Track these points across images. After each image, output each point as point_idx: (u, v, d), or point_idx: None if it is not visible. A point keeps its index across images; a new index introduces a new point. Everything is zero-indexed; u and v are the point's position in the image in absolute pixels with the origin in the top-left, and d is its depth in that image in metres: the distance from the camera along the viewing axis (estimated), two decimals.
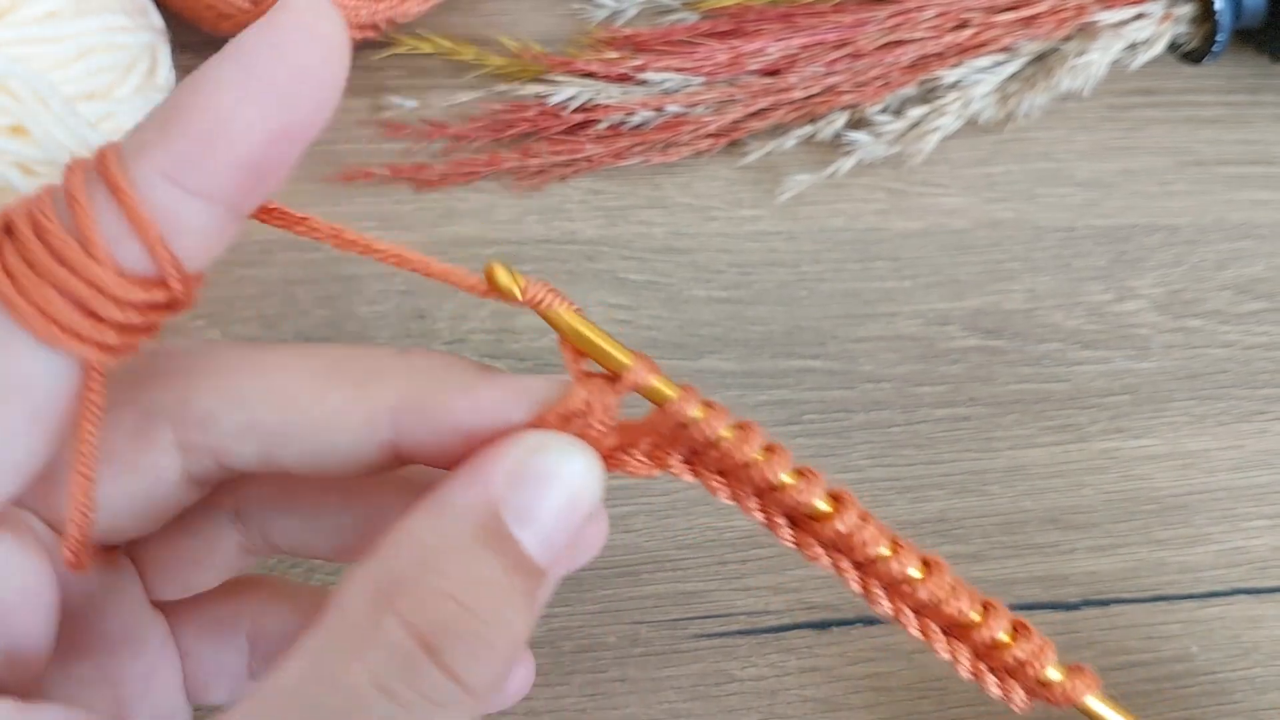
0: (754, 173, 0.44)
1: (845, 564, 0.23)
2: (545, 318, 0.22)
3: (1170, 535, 0.37)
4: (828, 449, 0.38)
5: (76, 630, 0.24)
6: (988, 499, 0.38)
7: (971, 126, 0.45)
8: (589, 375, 0.22)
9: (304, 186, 0.42)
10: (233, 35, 0.19)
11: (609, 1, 0.46)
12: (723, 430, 0.21)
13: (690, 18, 0.46)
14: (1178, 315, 0.42)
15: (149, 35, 0.37)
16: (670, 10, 0.47)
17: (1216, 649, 0.35)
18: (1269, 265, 0.43)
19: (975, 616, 0.23)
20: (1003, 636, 0.23)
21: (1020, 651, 0.23)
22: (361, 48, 0.44)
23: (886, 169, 0.44)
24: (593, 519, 0.21)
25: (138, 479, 0.22)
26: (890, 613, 0.23)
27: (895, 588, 0.23)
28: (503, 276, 0.21)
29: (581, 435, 0.21)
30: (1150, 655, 0.35)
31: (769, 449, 0.22)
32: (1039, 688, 0.24)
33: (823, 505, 0.22)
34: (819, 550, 0.23)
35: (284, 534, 0.26)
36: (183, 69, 0.40)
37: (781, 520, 0.23)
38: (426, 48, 0.44)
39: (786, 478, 0.22)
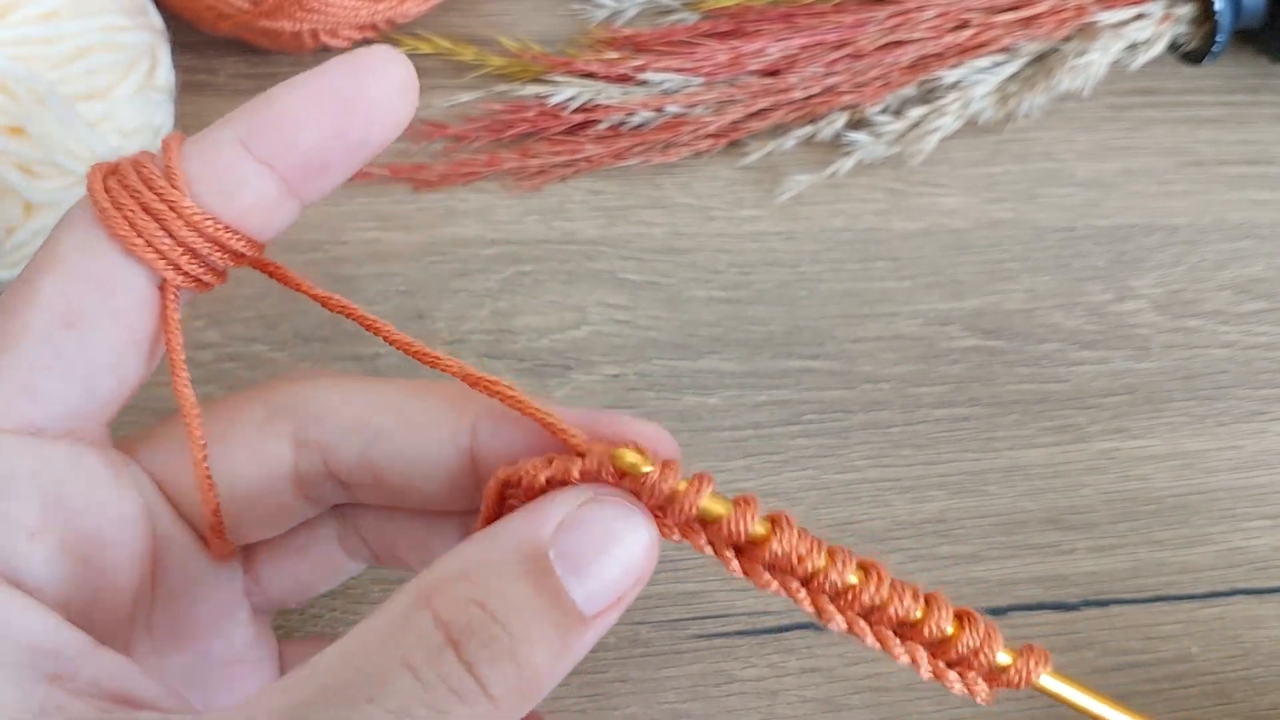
0: (754, 173, 0.44)
1: (793, 584, 0.23)
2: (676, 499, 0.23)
3: (1170, 535, 0.37)
4: (827, 449, 0.38)
5: (175, 616, 0.26)
6: (987, 499, 0.38)
7: (971, 126, 0.45)
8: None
9: None
10: (232, 35, 0.19)
11: (609, 1, 0.46)
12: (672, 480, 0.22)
13: (690, 18, 0.46)
14: (1177, 315, 0.42)
15: (149, 35, 0.37)
16: (670, 10, 0.47)
17: (1216, 649, 0.35)
18: (1269, 265, 0.43)
19: (918, 614, 0.23)
20: (948, 629, 0.23)
21: (968, 640, 0.23)
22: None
23: (886, 169, 0.44)
24: (641, 583, 0.22)
25: (258, 465, 0.26)
26: (844, 626, 0.23)
27: (840, 597, 0.23)
28: (630, 458, 0.22)
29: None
30: (1150, 656, 0.35)
31: (693, 481, 0.23)
32: (996, 675, 0.24)
33: (759, 529, 0.23)
34: (768, 577, 0.23)
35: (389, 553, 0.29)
36: (183, 69, 0.40)
37: (729, 553, 0.23)
38: (426, 48, 0.44)
39: (719, 507, 0.23)
